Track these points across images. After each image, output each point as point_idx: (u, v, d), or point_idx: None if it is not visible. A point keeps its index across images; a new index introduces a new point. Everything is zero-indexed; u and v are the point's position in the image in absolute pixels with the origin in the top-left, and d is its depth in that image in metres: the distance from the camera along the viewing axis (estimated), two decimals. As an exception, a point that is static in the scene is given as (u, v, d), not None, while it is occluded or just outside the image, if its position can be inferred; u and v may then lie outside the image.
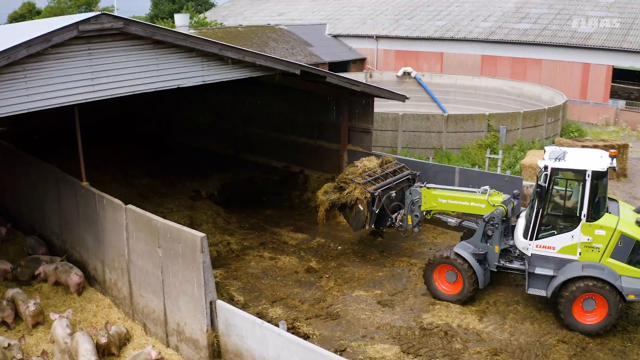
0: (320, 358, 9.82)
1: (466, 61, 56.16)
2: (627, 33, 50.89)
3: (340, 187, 18.36)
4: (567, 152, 14.93)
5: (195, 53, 14.22)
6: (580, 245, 14.32)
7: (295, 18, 68.91)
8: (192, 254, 11.39)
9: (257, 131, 27.31)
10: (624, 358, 13.76)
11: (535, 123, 34.89)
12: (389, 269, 18.42)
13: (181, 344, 12.53)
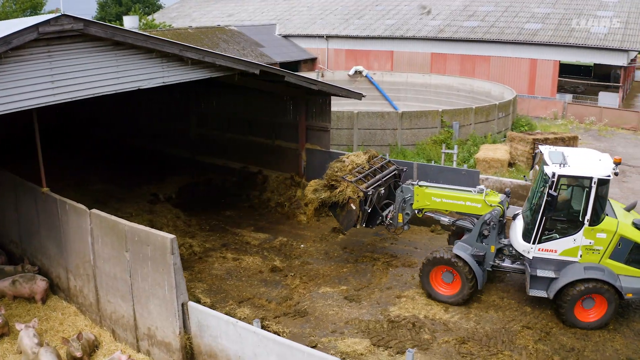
0: (297, 353, 9.88)
1: (416, 59, 56.89)
2: (572, 29, 52.32)
3: (331, 185, 17.67)
4: (565, 153, 15.16)
5: (155, 54, 14.08)
6: (582, 248, 14.67)
7: (245, 19, 68.71)
8: (162, 256, 11.27)
9: (213, 132, 27.15)
10: (586, 340, 14.29)
11: (487, 118, 35.62)
12: (353, 264, 18.59)
13: (153, 348, 12.38)
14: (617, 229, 14.49)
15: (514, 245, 15.80)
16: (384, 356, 13.38)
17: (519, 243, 15.49)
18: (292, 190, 24.23)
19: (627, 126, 44.51)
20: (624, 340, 14.40)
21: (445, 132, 32.91)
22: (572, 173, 14.29)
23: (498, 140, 35.09)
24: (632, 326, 15.07)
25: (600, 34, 50.94)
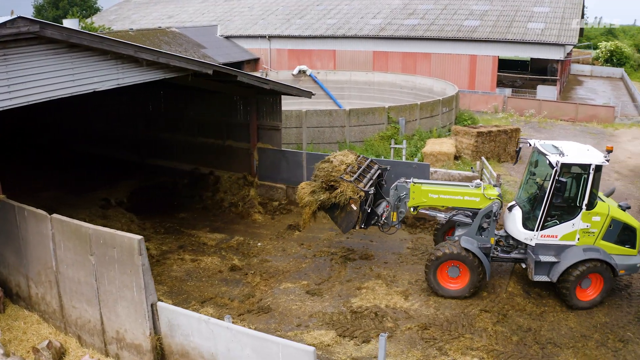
0: (272, 345, 10.04)
1: (358, 57, 57.62)
2: (510, 25, 53.85)
3: (330, 187, 16.86)
4: (556, 145, 15.98)
5: (110, 56, 13.99)
6: (579, 231, 15.55)
7: (186, 20, 68.22)
8: (130, 258, 11.22)
9: (163, 135, 26.94)
10: (541, 320, 14.98)
11: (431, 113, 36.38)
12: (311, 260, 18.84)
13: (122, 351, 12.28)
14: (608, 211, 15.57)
15: (514, 235, 16.32)
16: (350, 346, 13.67)
17: (520, 232, 16.05)
18: (245, 189, 24.34)
19: (565, 117, 46.14)
20: (577, 318, 15.17)
21: (392, 128, 33.46)
22: (573, 161, 15.17)
23: (443, 135, 35.89)
24: (585, 306, 15.81)
25: (537, 30, 52.61)
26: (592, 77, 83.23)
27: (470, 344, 13.77)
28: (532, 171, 16.91)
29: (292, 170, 23.78)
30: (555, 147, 15.81)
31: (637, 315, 15.52)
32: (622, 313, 15.61)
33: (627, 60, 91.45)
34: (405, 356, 13.25)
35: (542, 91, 53.25)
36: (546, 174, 15.85)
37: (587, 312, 15.50)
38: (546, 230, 15.65)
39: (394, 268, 18.06)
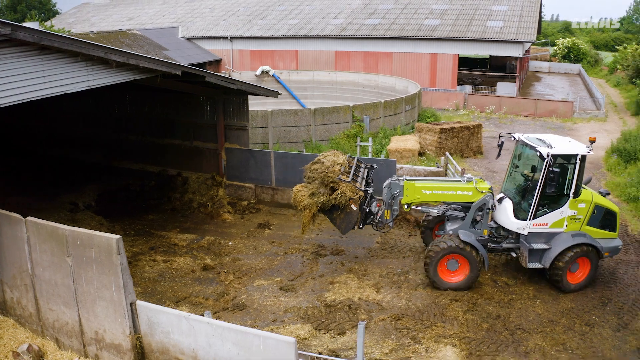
0: (253, 338, 10.24)
1: (321, 57, 57.99)
2: (469, 23, 54.76)
3: (331, 188, 16.71)
4: (541, 138, 16.70)
5: (80, 57, 13.99)
6: (567, 218, 16.37)
7: (146, 22, 67.75)
8: (108, 258, 11.29)
9: (129, 137, 26.87)
10: (510, 307, 15.49)
11: (395, 111, 36.90)
12: (283, 257, 19.08)
13: (102, 352, 12.31)
14: (592, 198, 16.55)
15: (506, 226, 16.86)
16: (326, 338, 13.95)
17: (512, 222, 16.64)
18: (213, 190, 24.46)
19: (525, 113, 47.20)
20: (544, 305, 15.73)
21: (356, 126, 33.88)
22: (561, 152, 15.91)
23: (407, 132, 36.43)
24: (550, 292, 16.47)
25: (496, 28, 53.63)
26: (550, 73, 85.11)
27: (443, 332, 14.19)
28: (516, 164, 17.59)
29: (260, 169, 23.96)
30: (541, 139, 16.49)
31: (602, 300, 16.15)
32: (587, 298, 16.22)
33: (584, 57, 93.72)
34: (380, 346, 13.58)
35: (501, 88, 54.35)
36: (531, 166, 16.79)
37: (553, 298, 16.09)
38: (537, 219, 16.31)
39: (365, 262, 18.41)
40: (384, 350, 13.44)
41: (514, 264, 17.80)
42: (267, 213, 23.47)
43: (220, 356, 10.79)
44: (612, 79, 73.91)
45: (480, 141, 33.26)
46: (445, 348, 13.51)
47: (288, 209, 23.52)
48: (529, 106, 47.86)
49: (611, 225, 16.99)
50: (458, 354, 13.32)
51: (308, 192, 17.09)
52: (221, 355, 10.78)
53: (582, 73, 77.91)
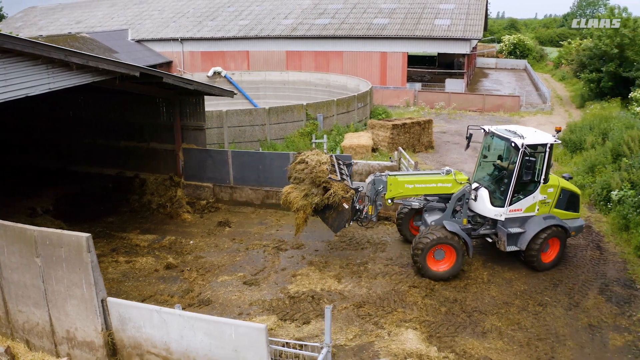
0: (225, 327, 10.64)
1: (272, 58, 58.34)
2: (417, 22, 55.83)
3: (324, 188, 16.84)
4: (510, 129, 17.76)
5: (41, 60, 14.10)
6: (538, 202, 17.59)
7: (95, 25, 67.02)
8: (78, 256, 11.49)
9: (85, 140, 26.78)
10: (465, 292, 16.26)
11: (347, 109, 37.55)
12: (244, 253, 19.44)
13: (74, 350, 12.47)
14: (559, 183, 17.91)
15: (483, 213, 17.67)
16: (292, 328, 14.42)
17: (490, 210, 17.50)
18: (172, 190, 24.60)
19: (473, 108, 48.45)
20: (498, 288, 16.55)
21: (310, 124, 34.39)
22: (534, 142, 16.88)
23: (360, 129, 37.12)
24: (504, 276, 17.39)
25: (444, 26, 54.84)
26: (497, 69, 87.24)
27: (403, 316, 14.83)
28: (485, 154, 18.53)
29: (218, 169, 24.24)
30: (511, 131, 17.49)
31: (553, 281, 17.08)
32: (538, 280, 17.11)
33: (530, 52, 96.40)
34: (344, 333, 14.12)
35: (450, 84, 55.61)
36: (500, 155, 18.01)
37: (507, 281, 16.92)
38: (513, 205, 17.31)
39: (325, 255, 18.94)
40: (348, 337, 13.99)
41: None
42: (227, 211, 23.77)
43: (192, 347, 11.16)
44: (557, 74, 76.25)
45: (431, 136, 34.17)
46: (407, 331, 14.14)
47: (247, 206, 23.93)
48: (477, 101, 49.16)
49: (574, 207, 18.43)
50: (419, 336, 13.96)
51: (300, 193, 17.19)
52: (193, 346, 11.14)
53: (528, 68, 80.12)
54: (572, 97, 56.44)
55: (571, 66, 64.59)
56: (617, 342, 14.15)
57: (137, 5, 71.65)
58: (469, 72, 62.31)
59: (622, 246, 19.85)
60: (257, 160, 23.64)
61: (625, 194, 22.11)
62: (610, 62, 45.88)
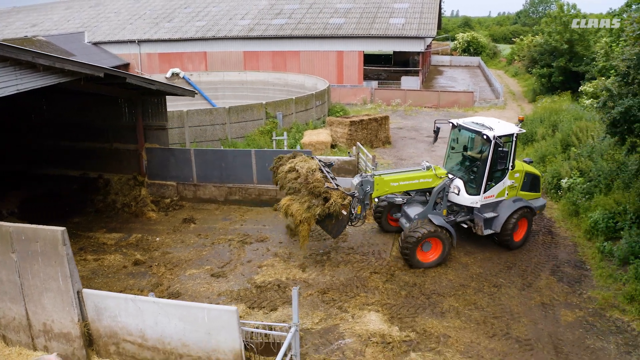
0: (197, 311, 11.28)
1: (229, 58, 58.71)
2: (373, 21, 56.85)
3: (324, 198, 17.00)
4: (477, 121, 19.05)
5: (9, 62, 14.44)
6: (507, 188, 18.99)
7: (51, 28, 66.37)
8: (54, 249, 11.96)
9: (47, 142, 26.85)
10: (424, 276, 17.21)
11: (306, 107, 38.29)
12: (210, 247, 20.02)
13: (50, 342, 12.90)
14: (523, 167, 19.44)
15: (460, 202, 18.69)
16: (260, 315, 15.10)
17: (466, 198, 18.53)
18: (136, 190, 24.97)
19: (429, 104, 49.68)
20: (455, 272, 17.57)
21: (270, 123, 35.01)
22: (503, 133, 18.06)
23: (319, 126, 37.91)
24: (460, 261, 18.45)
25: (398, 25, 55.98)
26: (451, 66, 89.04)
27: (366, 300, 15.65)
28: (453, 146, 19.62)
29: (181, 167, 24.72)
30: (479, 123, 18.67)
31: (507, 264, 18.17)
32: (493, 264, 18.15)
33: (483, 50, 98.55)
34: (310, 317, 14.86)
35: (406, 82, 56.80)
36: (465, 146, 19.52)
37: (463, 266, 17.91)
38: (488, 192, 18.53)
39: (289, 247, 19.64)
40: (314, 320, 14.73)
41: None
42: (191, 208, 24.28)
43: (167, 332, 11.77)
44: (510, 70, 78.29)
45: (388, 132, 35.13)
46: (370, 314, 14.95)
47: (211, 203, 24.46)
48: (433, 98, 50.41)
49: (536, 188, 20.14)
50: (381, 318, 14.79)
51: (301, 205, 17.22)
52: (168, 332, 11.75)
53: (482, 65, 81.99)
54: (524, 92, 58.23)
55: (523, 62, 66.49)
56: (569, 318, 15.18)
57: (92, 8, 71.21)
58: (424, 69, 63.66)
59: (573, 230, 21.03)
60: (220, 158, 24.19)
61: (574, 181, 23.32)
62: (560, 58, 47.67)
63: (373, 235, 20.57)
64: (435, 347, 13.77)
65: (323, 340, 13.93)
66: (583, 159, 24.51)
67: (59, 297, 12.45)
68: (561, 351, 13.77)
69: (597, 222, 19.90)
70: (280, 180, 18.78)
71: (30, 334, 13.26)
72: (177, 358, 11.94)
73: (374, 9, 59.94)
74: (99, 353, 12.86)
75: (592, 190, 22.19)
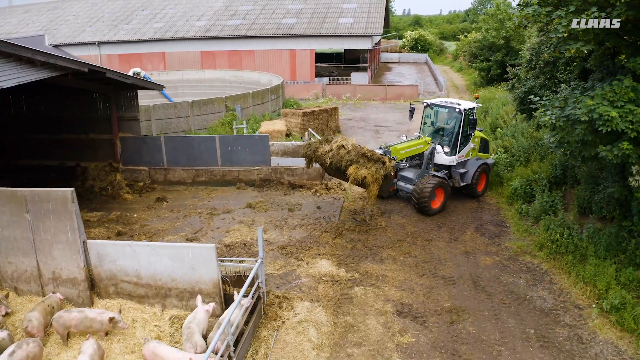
0: (184, 249, 14.28)
1: (187, 58, 61.23)
2: (323, 21, 60.07)
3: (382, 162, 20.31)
4: (446, 100, 24.37)
5: (12, 58, 17.13)
6: (473, 150, 24.39)
7: (11, 31, 67.74)
8: (64, 207, 14.71)
9: (26, 136, 29.09)
10: (367, 234, 20.65)
11: (262, 100, 41.40)
12: (183, 219, 22.93)
13: (58, 288, 15.49)
14: (478, 134, 24.57)
15: (442, 162, 23.73)
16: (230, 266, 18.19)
17: (446, 159, 23.67)
18: (111, 175, 27.59)
19: (376, 98, 53.20)
20: (393, 231, 21.04)
21: (230, 115, 38.01)
22: (468, 107, 23.37)
23: (274, 118, 41.07)
24: (398, 222, 21.97)
25: (347, 24, 59.37)
26: (400, 63, 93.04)
27: (318, 252, 18.90)
28: (426, 121, 24.65)
29: (152, 153, 27.49)
30: (447, 101, 23.86)
31: (437, 224, 21.75)
32: (426, 224, 21.61)
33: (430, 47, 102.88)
34: (272, 266, 17.99)
35: (355, 77, 60.28)
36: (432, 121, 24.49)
37: (400, 225, 21.39)
38: (460, 152, 23.73)
39: (252, 216, 22.72)
40: (275, 267, 17.90)
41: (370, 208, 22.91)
42: (162, 190, 27.09)
43: (158, 270, 14.72)
44: (455, 65, 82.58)
45: (338, 122, 38.48)
46: (321, 261, 18.20)
47: (180, 185, 27.32)
48: (380, 92, 53.96)
49: (487, 149, 25.41)
50: (331, 263, 18.05)
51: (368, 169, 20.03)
52: (159, 269, 14.70)
53: (429, 61, 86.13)
54: (467, 85, 62.32)
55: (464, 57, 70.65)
56: (487, 262, 18.69)
57: (51, 12, 72.74)
58: (372, 66, 67.23)
59: (497, 198, 24.70)
60: (187, 144, 27.08)
61: (499, 157, 27.00)
62: (497, 52, 51.71)
63: (323, 205, 23.79)
64: (375, 283, 17.07)
65: (284, 280, 17.10)
66: (507, 138, 28.24)
67: (67, 247, 15.15)
68: (479, 285, 17.19)
69: (516, 189, 23.56)
70: (330, 158, 20.83)
71: (40, 282, 15.86)
72: (166, 291, 14.90)
73: (324, 9, 63.24)
74: (100, 294, 15.59)
75: (513, 163, 25.93)
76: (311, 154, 21.87)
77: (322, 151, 21.33)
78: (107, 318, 13.58)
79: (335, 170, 21.33)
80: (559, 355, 13.71)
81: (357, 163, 20.28)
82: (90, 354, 12.12)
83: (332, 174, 22.12)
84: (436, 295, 16.57)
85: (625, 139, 12.62)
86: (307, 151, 22.12)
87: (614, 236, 17.20)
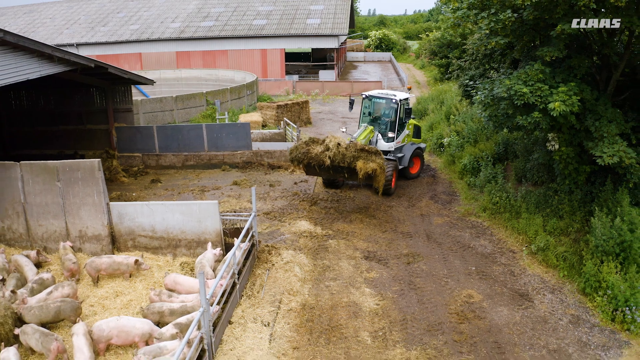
0: (193, 206, 17.67)
1: (163, 58, 64.13)
2: (292, 22, 63.52)
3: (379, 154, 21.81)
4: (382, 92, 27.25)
5: (36, 54, 20.21)
6: (407, 136, 27.48)
7: (-10, 35, 69.68)
8: (91, 174, 17.80)
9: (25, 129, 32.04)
10: (338, 203, 24.34)
11: (239, 95, 44.85)
12: (178, 195, 26.19)
13: (84, 244, 18.61)
14: (411, 121, 27.63)
15: (381, 148, 25.81)
16: (225, 226, 21.64)
17: (384, 145, 26.08)
18: (108, 161, 30.59)
19: (343, 93, 56.92)
20: (360, 200, 24.88)
21: (210, 109, 41.40)
22: (402, 97, 26.16)
23: (250, 111, 44.56)
24: (364, 194, 25.73)
25: (314, 24, 62.94)
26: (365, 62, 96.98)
27: (297, 215, 22.51)
28: (365, 112, 26.80)
29: (145, 141, 30.69)
30: (383, 93, 26.63)
31: (398, 196, 25.49)
32: (389, 196, 25.23)
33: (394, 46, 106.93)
34: (259, 227, 21.50)
35: (323, 75, 63.96)
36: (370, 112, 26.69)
37: (366, 196, 25.16)
38: (398, 139, 26.47)
39: (238, 191, 26.18)
40: (262, 228, 21.44)
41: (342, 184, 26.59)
42: (155, 174, 30.32)
43: (170, 225, 18.08)
44: (418, 63, 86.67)
45: (309, 114, 42.15)
46: (301, 222, 21.80)
47: (171, 169, 30.57)
48: (346, 88, 57.73)
49: (419, 135, 28.61)
50: (309, 223, 21.67)
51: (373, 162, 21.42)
52: (171, 224, 18.06)
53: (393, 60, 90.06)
54: (428, 81, 66.35)
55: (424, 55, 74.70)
56: (439, 221, 22.43)
57: (27, 14, 74.86)
58: (339, 64, 70.94)
59: (450, 174, 28.51)
60: (177, 132, 30.36)
61: (452, 140, 30.81)
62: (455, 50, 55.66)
63: (299, 181, 27.36)
64: (346, 237, 20.71)
65: (270, 237, 20.63)
66: (459, 123, 32.11)
67: (93, 208, 18.32)
68: (431, 237, 20.91)
69: (465, 165, 27.33)
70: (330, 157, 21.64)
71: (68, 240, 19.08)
72: (177, 242, 18.27)
73: (292, 10, 66.76)
74: (119, 249, 18.83)
75: (463, 144, 29.74)
76: (302, 156, 22.29)
77: (317, 152, 22.04)
78: (132, 261, 16.89)
79: (332, 168, 22.14)
80: (495, 284, 17.44)
81: (362, 158, 21.51)
82: (83, 333, 13.34)
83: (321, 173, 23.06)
84: (396, 245, 20.25)
85: (536, 110, 16.36)
86: (296, 154, 22.48)
87: (542, 195, 21.08)
